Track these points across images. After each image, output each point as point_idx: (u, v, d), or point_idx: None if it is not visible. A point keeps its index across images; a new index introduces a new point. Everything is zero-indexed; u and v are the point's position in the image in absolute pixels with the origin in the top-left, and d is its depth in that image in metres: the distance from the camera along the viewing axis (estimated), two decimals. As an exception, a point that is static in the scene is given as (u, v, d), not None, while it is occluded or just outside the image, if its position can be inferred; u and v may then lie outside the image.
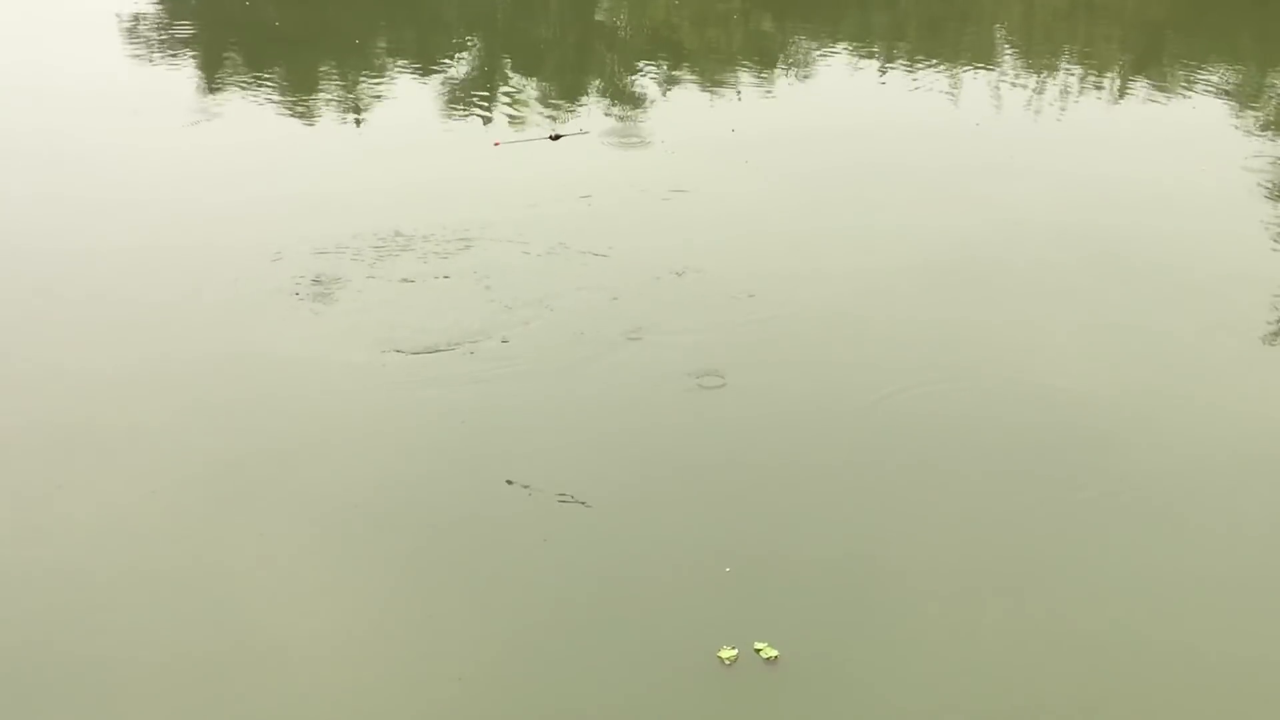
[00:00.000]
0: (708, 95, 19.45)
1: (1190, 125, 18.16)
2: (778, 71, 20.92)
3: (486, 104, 18.60)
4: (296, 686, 7.68)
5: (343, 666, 7.83)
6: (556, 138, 10.38)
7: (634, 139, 16.93)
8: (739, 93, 19.30)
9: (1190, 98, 19.31)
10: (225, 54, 21.49)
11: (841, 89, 19.89)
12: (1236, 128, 18.07)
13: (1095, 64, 21.45)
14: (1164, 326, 11.80)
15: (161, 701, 7.53)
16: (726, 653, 7.74)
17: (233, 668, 7.77)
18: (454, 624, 8.12)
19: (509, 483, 9.33)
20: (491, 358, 10.97)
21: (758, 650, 7.77)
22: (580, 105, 18.79)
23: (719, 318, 11.75)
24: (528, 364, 10.90)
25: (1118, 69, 21.17)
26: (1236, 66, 21.07)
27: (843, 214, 14.29)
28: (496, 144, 10.28)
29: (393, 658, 7.90)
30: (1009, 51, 22.27)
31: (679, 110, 18.52)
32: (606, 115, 18.19)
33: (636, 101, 18.90)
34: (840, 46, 22.12)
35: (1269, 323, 11.96)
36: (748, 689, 7.60)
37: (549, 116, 17.85)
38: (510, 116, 17.91)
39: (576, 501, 9.14)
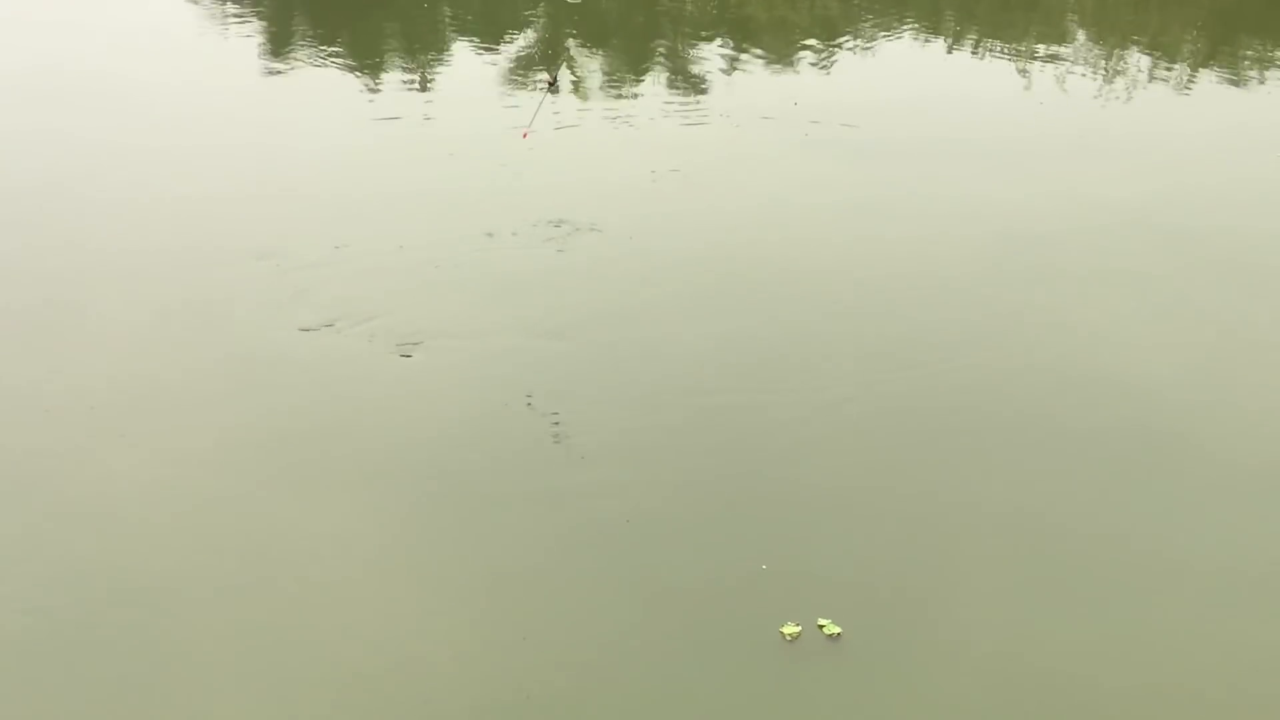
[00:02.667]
0: (774, 69, 19.33)
1: (1262, 112, 17.91)
2: (844, 47, 20.76)
3: (552, 76, 18.61)
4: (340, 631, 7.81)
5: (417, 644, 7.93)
6: (552, 84, 10.63)
7: (699, 111, 16.90)
8: (798, 70, 19.18)
9: (1263, 85, 19.02)
10: (292, 12, 21.60)
11: (908, 66, 19.73)
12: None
13: (1166, 49, 21.16)
14: (1233, 313, 11.69)
15: (211, 636, 7.69)
16: (790, 629, 7.77)
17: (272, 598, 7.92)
18: (516, 589, 8.21)
19: (571, 451, 9.41)
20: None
21: (821, 626, 7.79)
22: (646, 77, 18.75)
23: (771, 294, 11.76)
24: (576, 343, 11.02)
25: (1189, 55, 20.87)
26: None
27: (903, 189, 14.23)
28: (525, 134, 10.57)
29: (459, 619, 8.00)
30: (1079, 35, 22.00)
31: (744, 83, 18.44)
32: (672, 87, 18.17)
33: (702, 75, 18.83)
34: (908, 24, 21.93)
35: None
36: (811, 665, 7.63)
37: (613, 91, 17.89)
38: (574, 88, 17.94)
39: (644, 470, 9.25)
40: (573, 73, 18.72)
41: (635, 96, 17.62)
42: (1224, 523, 8.94)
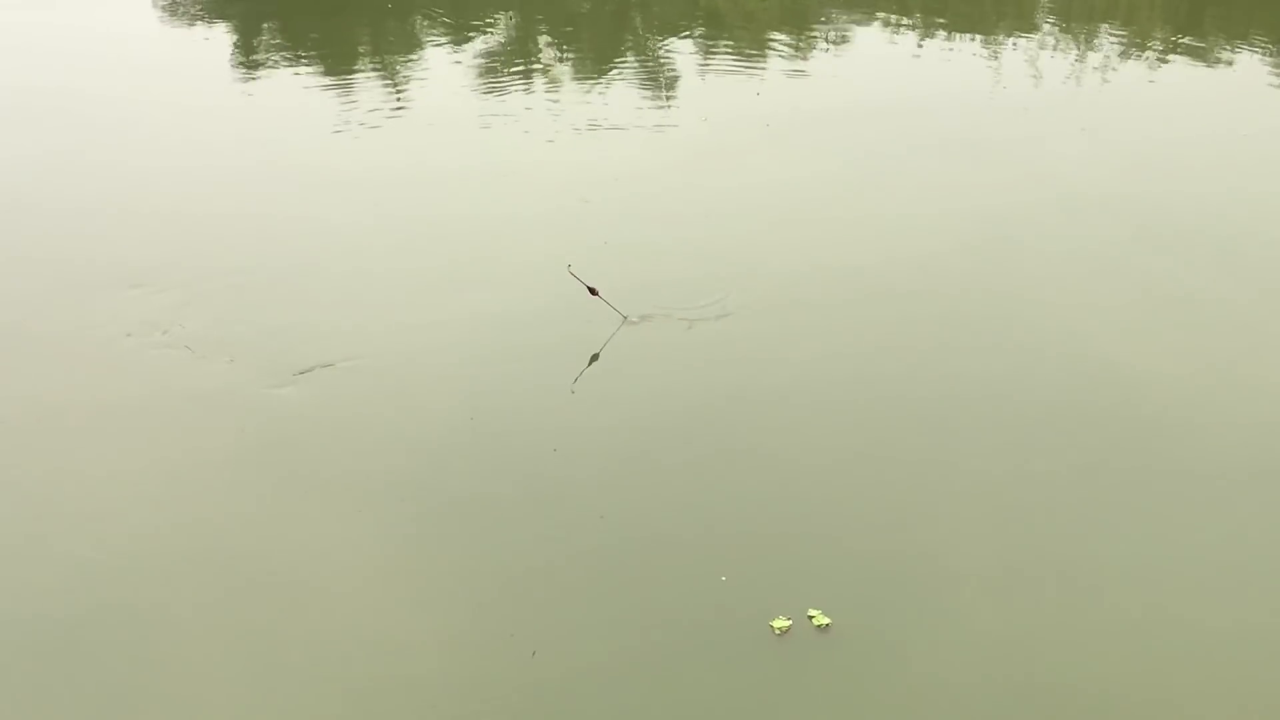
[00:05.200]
0: (743, 65, 19.27)
1: (1233, 90, 17.95)
2: (814, 40, 20.71)
3: (522, 77, 18.52)
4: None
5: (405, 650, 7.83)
6: (594, 292, 10.65)
7: (668, 108, 16.86)
8: (764, 71, 19.13)
9: (1233, 64, 19.08)
10: (261, 20, 21.45)
11: (878, 59, 19.70)
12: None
13: (1137, 32, 21.19)
14: (1216, 296, 11.65)
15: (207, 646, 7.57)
16: (780, 623, 7.69)
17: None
18: (506, 588, 8.11)
19: (554, 450, 9.35)
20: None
21: (810, 617, 7.72)
22: (615, 74, 18.69)
23: (750, 297, 11.59)
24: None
25: (1159, 37, 20.90)
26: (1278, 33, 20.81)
27: (878, 184, 14.15)
28: (595, 292, 10.66)
29: (441, 615, 7.90)
30: (1049, 21, 22.02)
31: (713, 80, 18.39)
32: (642, 81, 18.12)
33: (672, 70, 18.78)
34: (878, 16, 21.91)
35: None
36: (801, 659, 7.56)
37: (584, 90, 17.83)
38: (547, 92, 17.85)
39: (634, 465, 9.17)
40: (546, 69, 18.66)
41: (604, 92, 17.60)
42: (1213, 510, 8.88)
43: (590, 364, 10.41)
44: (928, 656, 7.60)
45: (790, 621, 7.71)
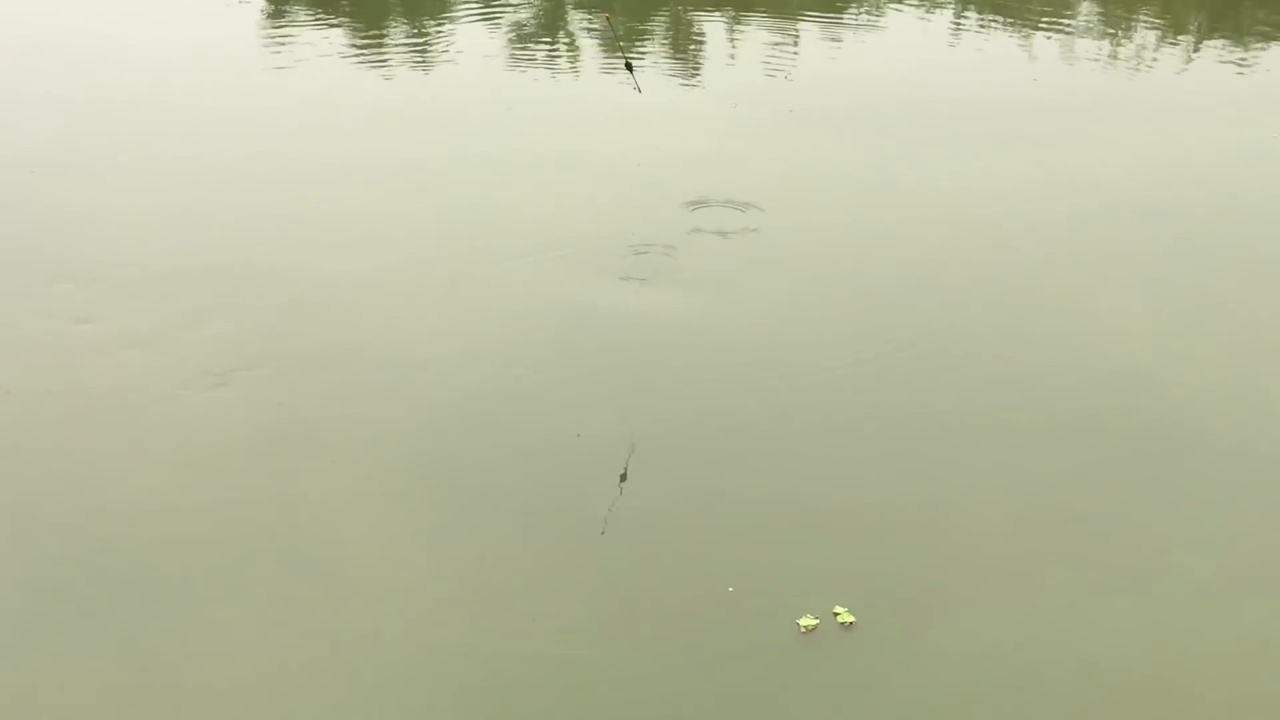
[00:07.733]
0: (773, 45, 19.14)
1: (1266, 89, 17.76)
2: (842, 21, 20.54)
3: (551, 50, 18.43)
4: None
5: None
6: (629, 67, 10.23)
7: (696, 87, 16.77)
8: (795, 49, 19.00)
9: (1266, 60, 18.89)
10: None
11: (908, 44, 19.54)
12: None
13: (1171, 22, 20.98)
14: (1243, 299, 11.54)
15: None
16: (807, 621, 7.66)
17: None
18: (530, 582, 8.08)
19: (578, 435, 9.32)
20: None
21: (836, 614, 7.69)
22: (646, 50, 18.59)
23: (772, 277, 11.54)
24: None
25: (1192, 31, 20.70)
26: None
27: (898, 170, 14.05)
28: (608, 17, 10.31)
29: (463, 601, 7.89)
30: (1083, 11, 21.82)
31: (738, 55, 18.25)
32: (672, 59, 18.04)
33: (700, 51, 18.67)
34: (910, 2, 21.75)
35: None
36: (827, 656, 7.54)
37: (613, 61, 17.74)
38: (569, 63, 17.77)
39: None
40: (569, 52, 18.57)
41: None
42: (1234, 518, 8.79)
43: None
44: (951, 654, 7.57)
45: (817, 620, 7.68)
